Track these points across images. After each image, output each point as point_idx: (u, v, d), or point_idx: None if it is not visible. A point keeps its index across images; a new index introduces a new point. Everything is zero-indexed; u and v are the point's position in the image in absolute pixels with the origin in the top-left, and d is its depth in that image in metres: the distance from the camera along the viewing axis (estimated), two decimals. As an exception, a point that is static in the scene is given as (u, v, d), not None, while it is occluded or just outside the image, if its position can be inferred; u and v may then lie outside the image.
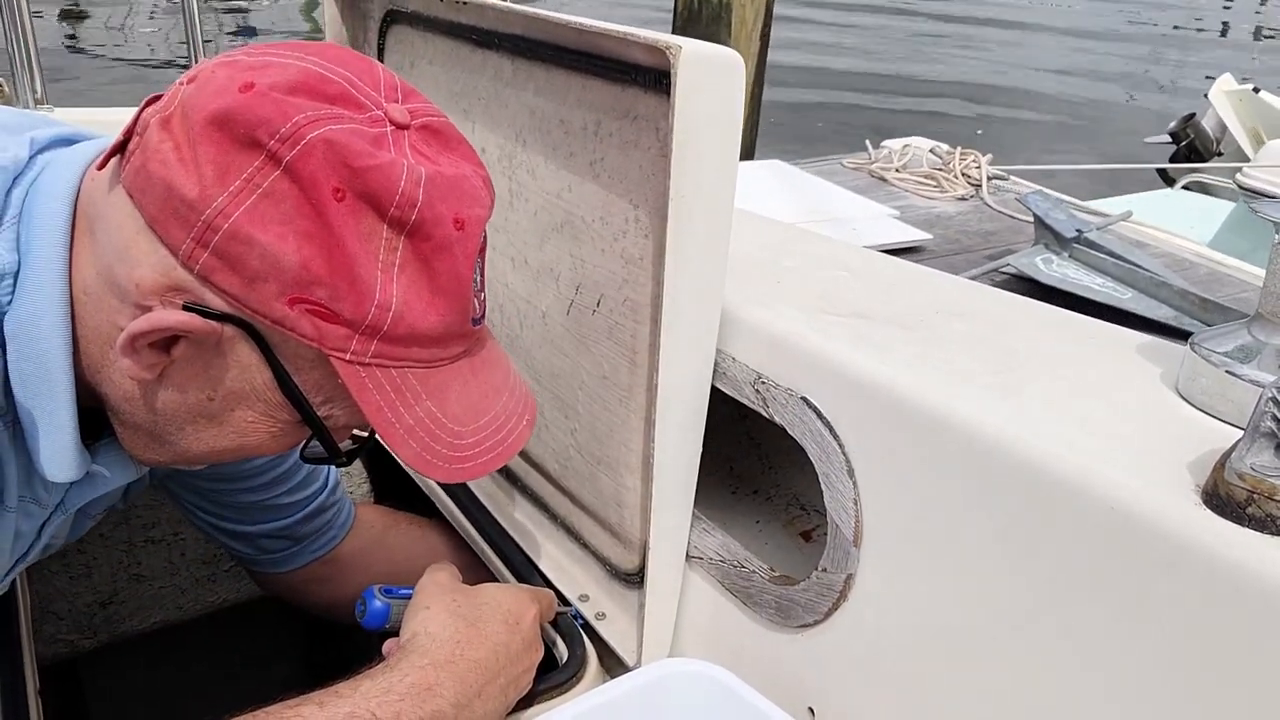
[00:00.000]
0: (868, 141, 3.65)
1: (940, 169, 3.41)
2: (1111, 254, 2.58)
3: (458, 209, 0.65)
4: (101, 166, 0.66)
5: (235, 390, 0.66)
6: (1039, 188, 3.17)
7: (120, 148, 0.65)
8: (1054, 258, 2.64)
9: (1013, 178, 3.42)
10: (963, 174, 3.37)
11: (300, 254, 0.61)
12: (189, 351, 0.64)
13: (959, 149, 3.50)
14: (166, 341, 0.63)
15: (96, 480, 0.74)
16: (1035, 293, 2.51)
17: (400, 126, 0.65)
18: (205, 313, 0.62)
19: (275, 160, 0.60)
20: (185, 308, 0.62)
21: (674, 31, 4.74)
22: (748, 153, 5.00)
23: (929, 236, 2.88)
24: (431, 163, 0.65)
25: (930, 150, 3.55)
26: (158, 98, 0.65)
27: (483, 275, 0.71)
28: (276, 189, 0.60)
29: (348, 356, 0.64)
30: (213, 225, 0.60)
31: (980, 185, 3.31)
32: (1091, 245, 2.62)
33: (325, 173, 0.60)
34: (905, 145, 3.58)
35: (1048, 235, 2.68)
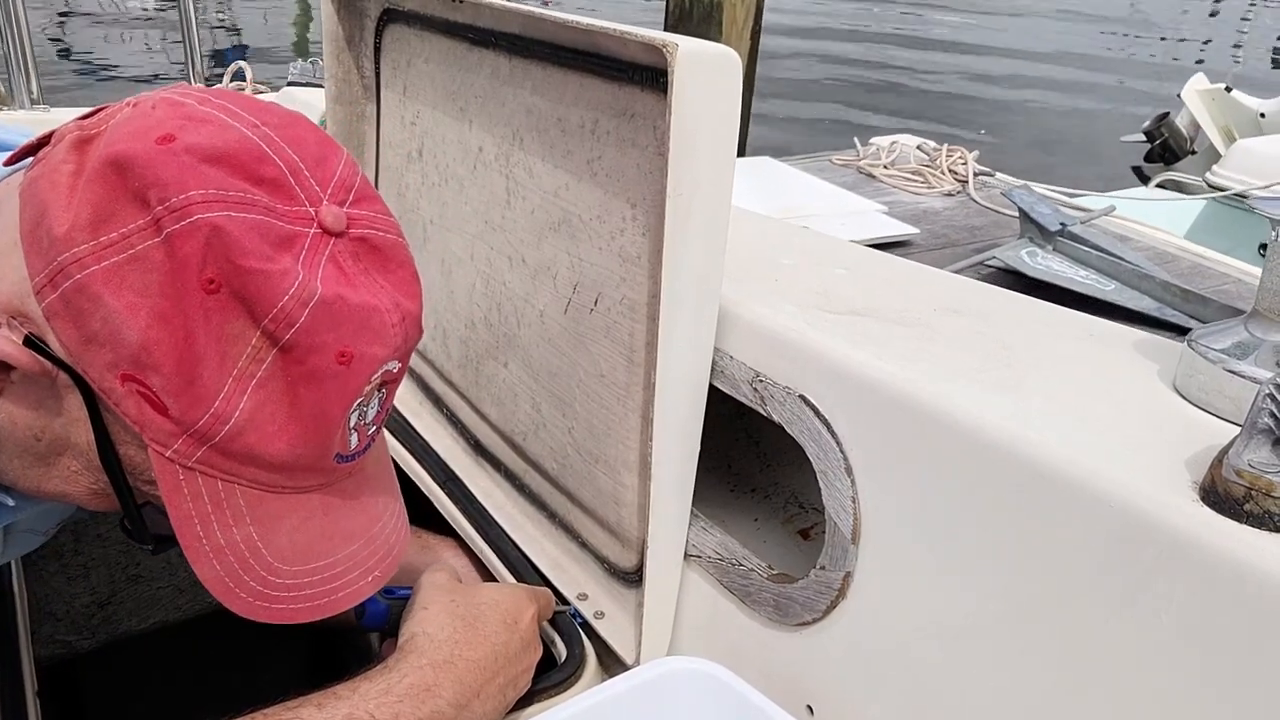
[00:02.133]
0: (856, 138, 3.67)
1: (927, 165, 3.44)
2: (1095, 247, 2.60)
3: (348, 343, 0.59)
4: (8, 163, 0.62)
5: (62, 438, 0.61)
6: (1025, 183, 3.19)
7: (34, 149, 0.61)
8: (1039, 251, 2.65)
9: (998, 174, 3.44)
10: (949, 170, 3.40)
11: (146, 334, 0.56)
12: (23, 384, 0.60)
13: (945, 145, 3.53)
14: (3, 364, 0.58)
15: (2, 509, 0.70)
16: (1020, 285, 2.54)
17: (329, 233, 0.59)
18: (44, 352, 0.57)
19: (157, 227, 0.55)
20: (26, 340, 0.57)
21: (665, 30, 4.75)
22: (738, 149, 5.01)
23: (916, 231, 2.90)
24: (344, 283, 0.59)
25: (917, 147, 3.58)
26: (101, 109, 0.61)
27: (384, 403, 0.65)
28: (148, 257, 0.55)
29: (168, 454, 0.59)
30: (66, 270, 0.55)
31: (966, 181, 3.34)
32: (1075, 239, 2.64)
33: (203, 260, 0.55)
34: (893, 142, 3.61)
35: (1032, 229, 2.70)
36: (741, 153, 4.92)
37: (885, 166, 3.45)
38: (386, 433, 1.20)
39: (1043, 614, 0.64)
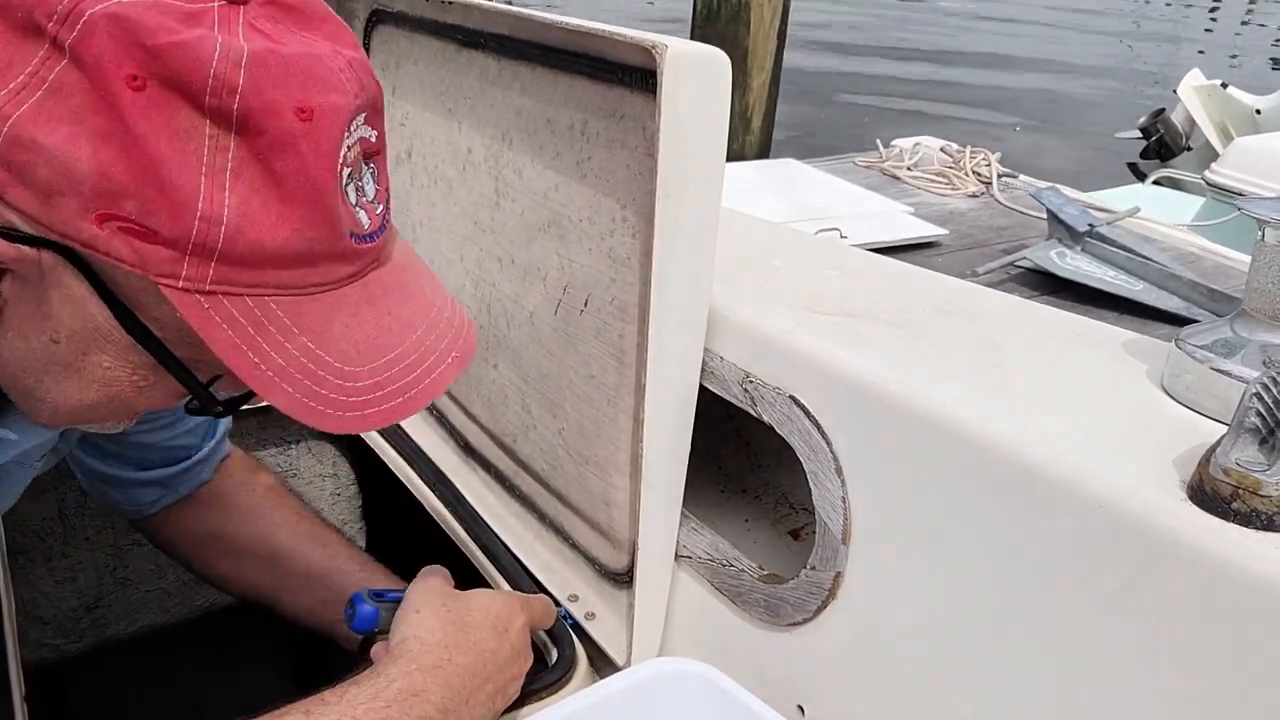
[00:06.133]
0: (878, 140, 3.70)
1: (951, 167, 3.46)
2: (1123, 247, 2.63)
3: (301, 96, 0.54)
4: None
5: (78, 331, 0.57)
6: (1051, 184, 3.21)
7: None
8: (1067, 251, 2.68)
9: (1022, 175, 3.48)
10: (973, 172, 3.43)
11: (96, 159, 0.51)
12: (16, 287, 0.56)
13: (969, 147, 3.56)
14: None
15: (4, 444, 0.69)
16: (1049, 285, 2.57)
17: (234, 2, 0.55)
18: (11, 236, 0.53)
19: (59, 48, 0.51)
20: None
21: (693, 30, 4.78)
22: (763, 150, 5.03)
23: (945, 232, 2.94)
24: (270, 41, 0.54)
25: (940, 149, 3.60)
26: None
27: (378, 179, 0.61)
28: (64, 82, 0.51)
29: (180, 284, 0.54)
30: None
31: (990, 182, 3.38)
32: (1103, 239, 2.67)
33: (115, 56, 0.51)
34: (916, 143, 3.64)
35: (1061, 230, 2.73)
36: (765, 154, 4.92)
37: (909, 168, 3.48)
38: (376, 434, 1.20)
39: (1032, 613, 0.64)
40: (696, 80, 0.69)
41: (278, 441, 1.33)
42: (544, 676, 0.83)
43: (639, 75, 0.76)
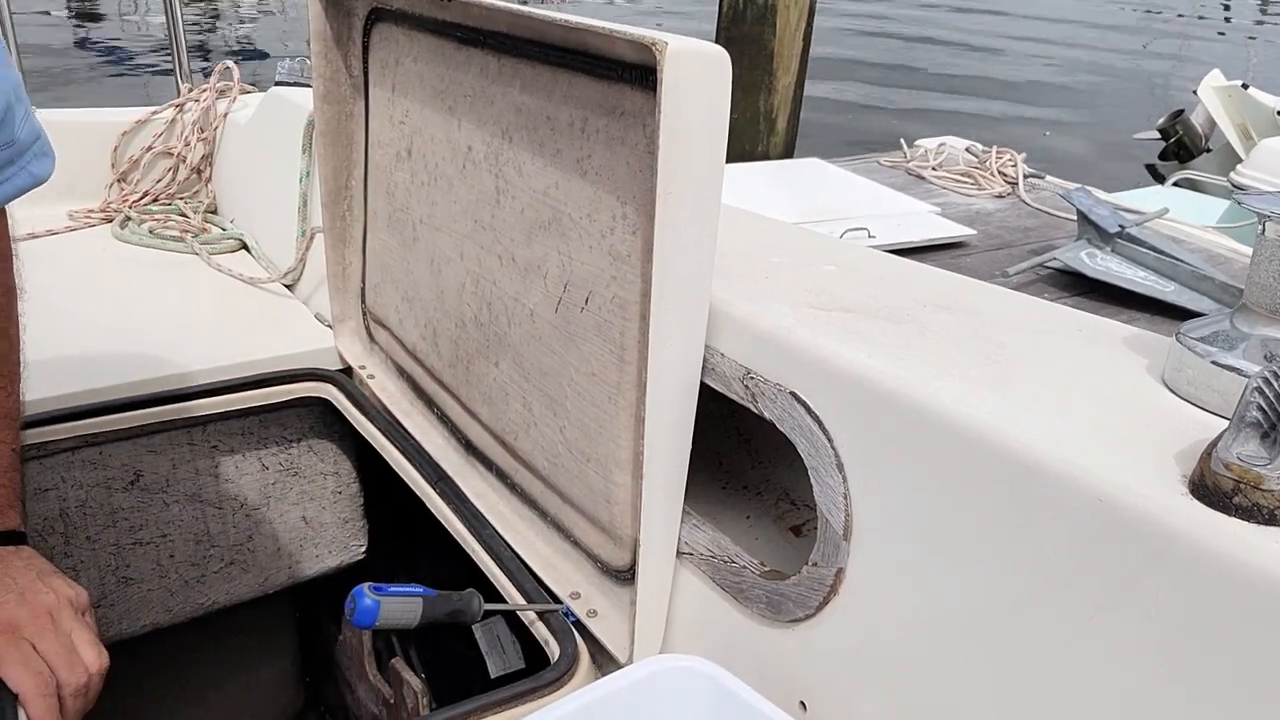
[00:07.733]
0: (902, 140, 3.70)
1: (976, 167, 3.47)
2: (1153, 248, 2.63)
3: None
4: None
5: None
6: (1080, 185, 3.21)
7: None
8: (1098, 252, 2.68)
9: (1048, 177, 3.48)
10: (999, 172, 3.43)
11: None
12: None
13: (994, 148, 3.56)
14: None
15: None
16: (1080, 286, 2.57)
17: None
18: None
19: None
20: None
21: (718, 32, 4.80)
22: (788, 151, 5.05)
23: (974, 232, 2.94)
24: None
25: (966, 149, 3.60)
26: None
27: None
28: None
29: None
30: None
31: (1017, 183, 3.38)
32: (1133, 240, 2.67)
33: None
34: (940, 144, 3.64)
35: (1090, 230, 2.73)
36: (789, 154, 4.94)
37: (934, 168, 3.49)
38: (378, 433, 1.20)
39: (1034, 609, 0.64)
40: (697, 77, 0.69)
41: (279, 440, 1.33)
42: (546, 674, 0.83)
43: (639, 72, 0.76)
